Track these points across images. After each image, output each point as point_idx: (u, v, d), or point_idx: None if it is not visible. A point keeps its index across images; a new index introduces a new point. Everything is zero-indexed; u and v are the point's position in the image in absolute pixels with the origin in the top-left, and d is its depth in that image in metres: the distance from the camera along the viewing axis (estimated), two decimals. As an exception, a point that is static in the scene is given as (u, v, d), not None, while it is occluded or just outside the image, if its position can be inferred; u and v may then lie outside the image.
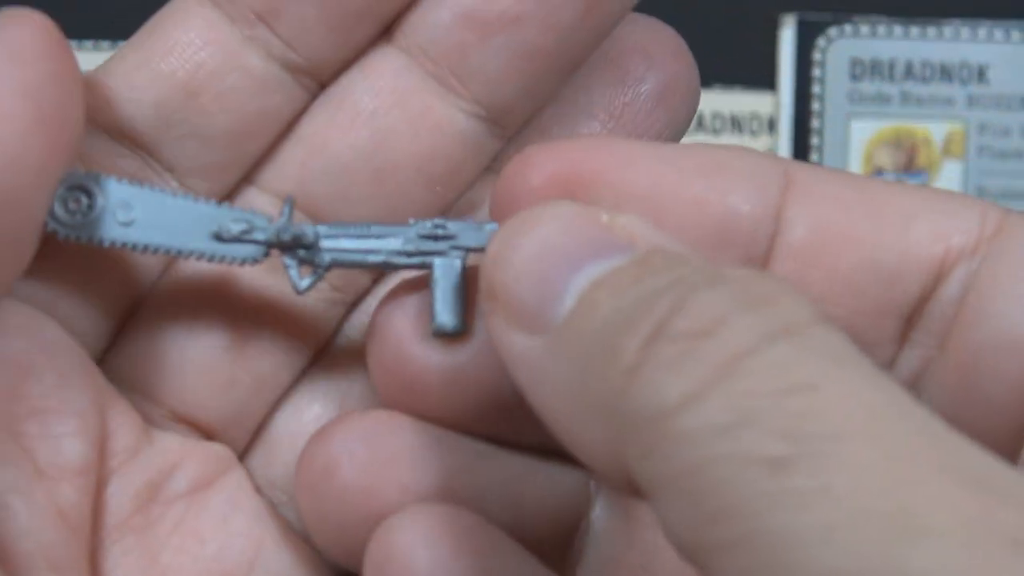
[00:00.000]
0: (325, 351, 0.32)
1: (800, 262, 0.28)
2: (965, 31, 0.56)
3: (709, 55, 0.35)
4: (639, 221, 0.26)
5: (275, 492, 0.32)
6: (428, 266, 0.30)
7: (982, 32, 0.56)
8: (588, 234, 0.26)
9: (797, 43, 0.57)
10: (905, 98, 0.57)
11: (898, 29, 0.57)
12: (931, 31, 0.57)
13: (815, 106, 0.57)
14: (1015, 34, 0.56)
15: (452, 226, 0.30)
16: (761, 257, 0.28)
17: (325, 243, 0.30)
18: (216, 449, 0.31)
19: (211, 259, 0.30)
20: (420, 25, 0.31)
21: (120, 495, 0.30)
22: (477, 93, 0.31)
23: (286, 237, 0.30)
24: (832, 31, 0.57)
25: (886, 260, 0.28)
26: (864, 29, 0.57)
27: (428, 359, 0.29)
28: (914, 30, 0.57)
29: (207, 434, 0.31)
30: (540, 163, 0.29)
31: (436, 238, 0.30)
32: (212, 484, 0.31)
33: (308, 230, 0.30)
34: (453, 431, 0.30)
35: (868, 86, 0.57)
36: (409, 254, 0.30)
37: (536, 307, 0.25)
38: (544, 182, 0.28)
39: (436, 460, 0.30)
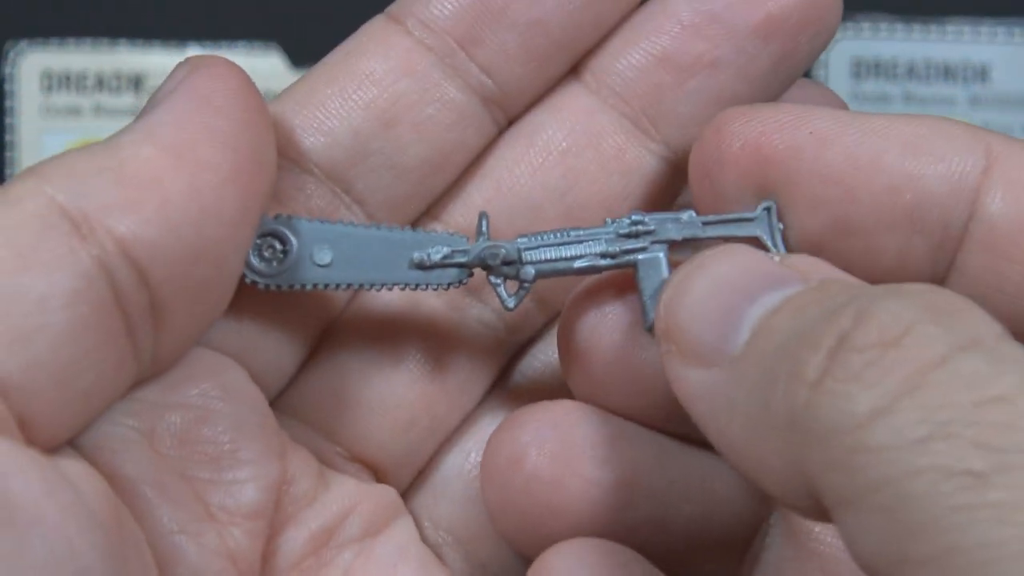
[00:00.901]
0: (491, 392, 0.32)
1: (994, 254, 0.28)
2: (967, 30, 0.56)
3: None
4: (811, 259, 0.26)
5: (439, 532, 0.32)
6: (631, 264, 0.29)
7: (984, 31, 0.56)
8: (761, 269, 0.26)
9: (800, 43, 0.57)
10: (908, 98, 0.57)
11: (900, 29, 0.57)
12: (933, 31, 0.57)
13: (818, 106, 0.57)
14: (1017, 33, 0.56)
15: (650, 220, 0.29)
16: (953, 246, 0.28)
17: (527, 256, 0.30)
18: (386, 493, 0.31)
19: (415, 288, 0.29)
20: (613, 65, 0.31)
21: (295, 539, 0.30)
22: (668, 136, 0.31)
23: (492, 257, 0.29)
24: (834, 31, 0.57)
25: None
26: (867, 29, 0.57)
27: (636, 356, 0.29)
28: (916, 30, 0.57)
29: (377, 473, 0.31)
30: (738, 131, 0.28)
31: (636, 235, 0.29)
32: (382, 531, 0.31)
33: (509, 246, 0.30)
34: (641, 425, 0.30)
35: (871, 86, 0.57)
36: (613, 256, 0.29)
37: (713, 340, 0.25)
38: (740, 151, 0.28)
39: (623, 453, 0.30)
